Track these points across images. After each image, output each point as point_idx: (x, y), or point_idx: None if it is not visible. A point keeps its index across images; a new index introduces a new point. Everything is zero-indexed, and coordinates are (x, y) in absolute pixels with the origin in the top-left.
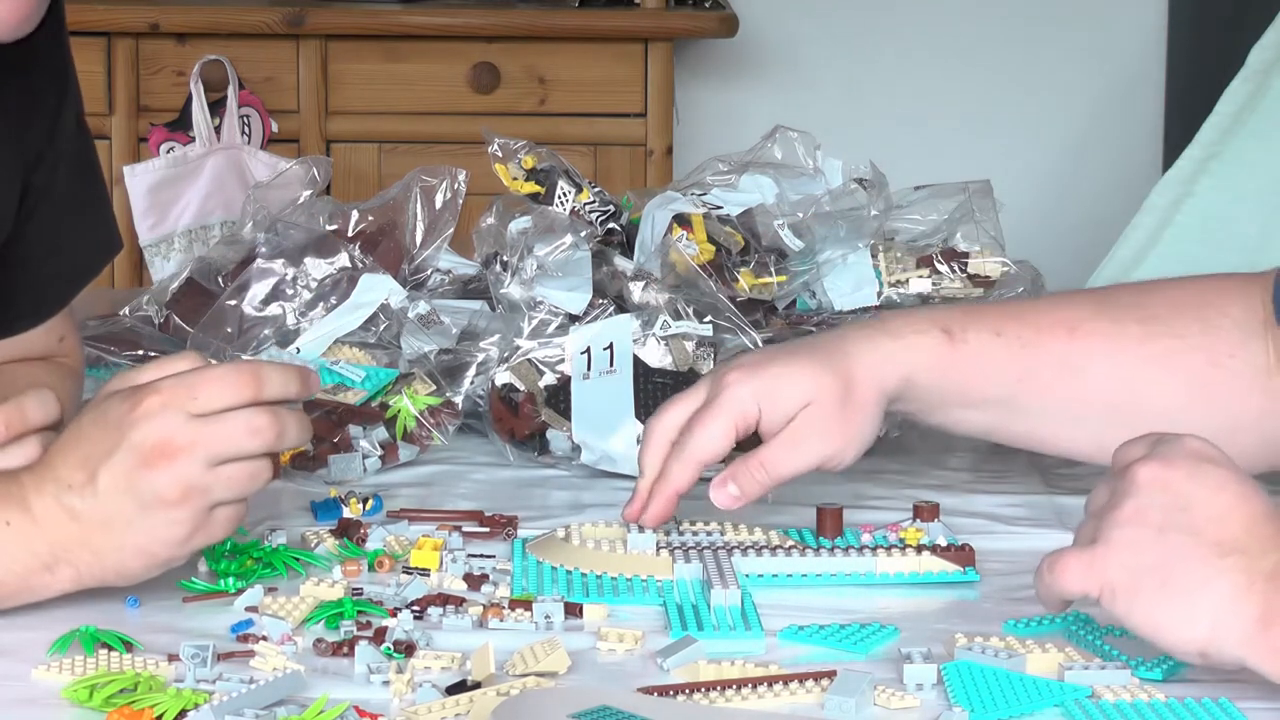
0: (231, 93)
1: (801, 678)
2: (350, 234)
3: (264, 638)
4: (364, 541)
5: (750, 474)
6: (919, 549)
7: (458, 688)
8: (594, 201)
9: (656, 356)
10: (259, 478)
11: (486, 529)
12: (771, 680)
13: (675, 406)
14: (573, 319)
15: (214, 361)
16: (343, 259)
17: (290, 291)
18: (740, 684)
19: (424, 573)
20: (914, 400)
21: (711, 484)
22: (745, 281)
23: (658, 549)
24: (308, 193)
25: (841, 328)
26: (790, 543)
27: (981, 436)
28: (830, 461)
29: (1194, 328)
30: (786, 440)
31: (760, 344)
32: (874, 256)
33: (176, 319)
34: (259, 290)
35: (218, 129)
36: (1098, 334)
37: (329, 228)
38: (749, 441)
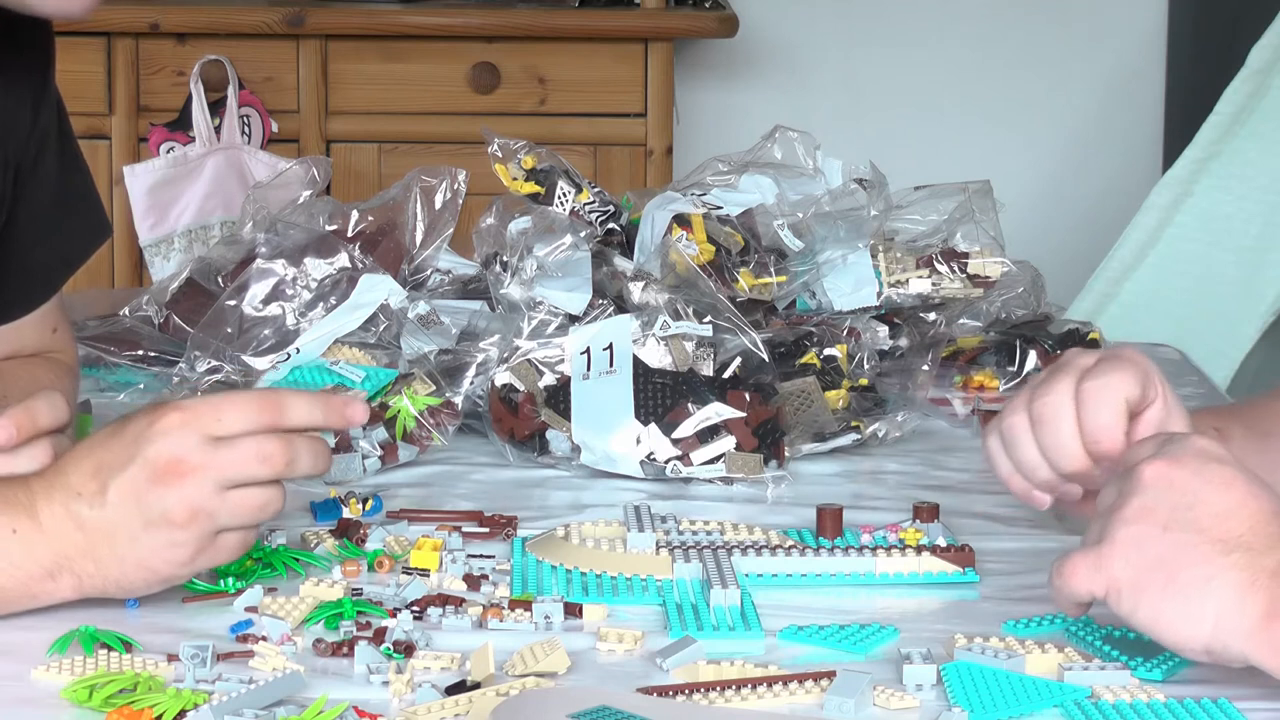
0: (231, 93)
1: (801, 678)
2: (350, 234)
3: (264, 638)
4: (364, 541)
5: None
6: (919, 549)
7: (457, 688)
8: (594, 201)
9: (656, 356)
10: (269, 508)
11: (486, 529)
12: (771, 680)
13: None
14: (573, 319)
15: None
16: (343, 259)
17: (290, 291)
18: (740, 684)
19: (424, 573)
20: None
21: None
22: (745, 281)
23: (657, 548)
24: (308, 193)
25: None
26: (790, 543)
27: None
28: None
29: None
30: None
31: (760, 344)
32: (874, 256)
33: (176, 319)
34: (259, 290)
35: (218, 129)
36: None
37: (329, 228)
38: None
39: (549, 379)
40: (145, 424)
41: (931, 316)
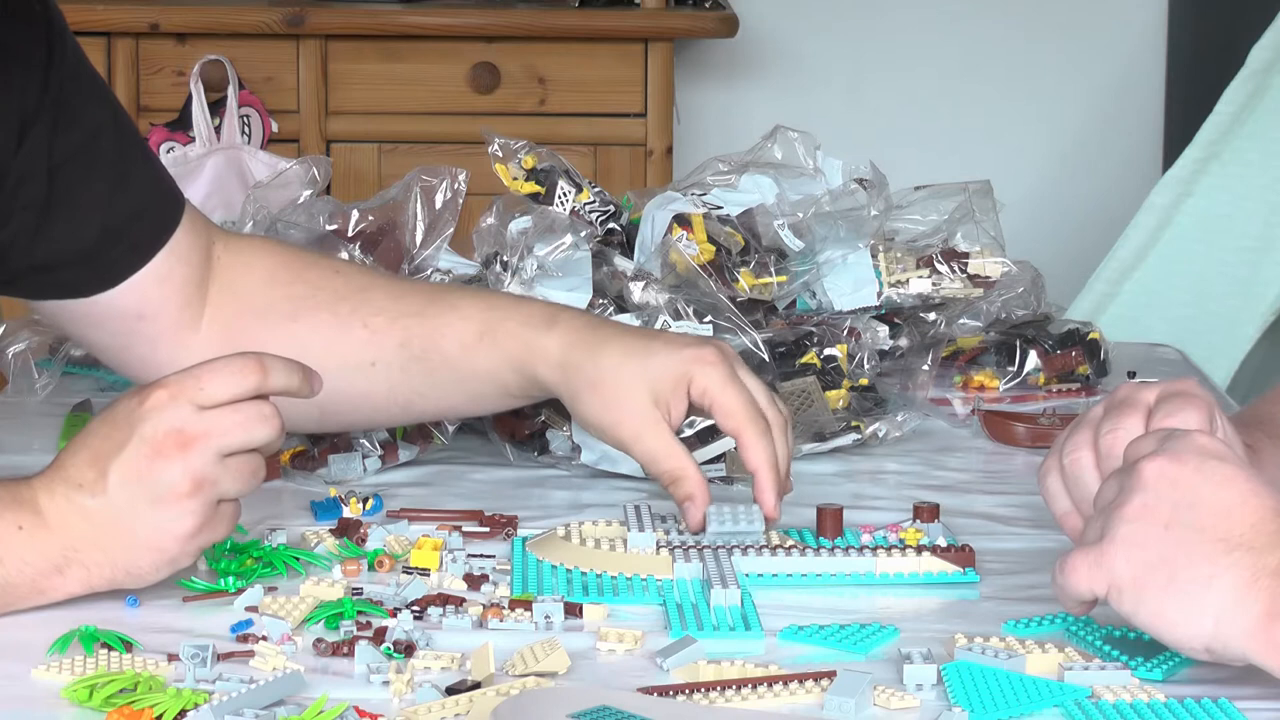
0: (231, 93)
1: (801, 678)
2: (350, 234)
3: (264, 638)
4: (364, 541)
5: None
6: (919, 549)
7: (457, 688)
8: (594, 201)
9: None
10: (259, 474)
11: (486, 529)
12: (771, 680)
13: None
14: None
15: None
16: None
17: None
18: (740, 684)
19: (424, 573)
20: None
21: None
22: (745, 281)
23: (658, 548)
24: (308, 193)
25: None
26: (790, 543)
27: None
28: None
29: None
30: None
31: (760, 344)
32: (874, 256)
33: None
34: None
35: (218, 129)
36: None
37: (329, 228)
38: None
39: None
40: (134, 404)
41: (931, 316)
